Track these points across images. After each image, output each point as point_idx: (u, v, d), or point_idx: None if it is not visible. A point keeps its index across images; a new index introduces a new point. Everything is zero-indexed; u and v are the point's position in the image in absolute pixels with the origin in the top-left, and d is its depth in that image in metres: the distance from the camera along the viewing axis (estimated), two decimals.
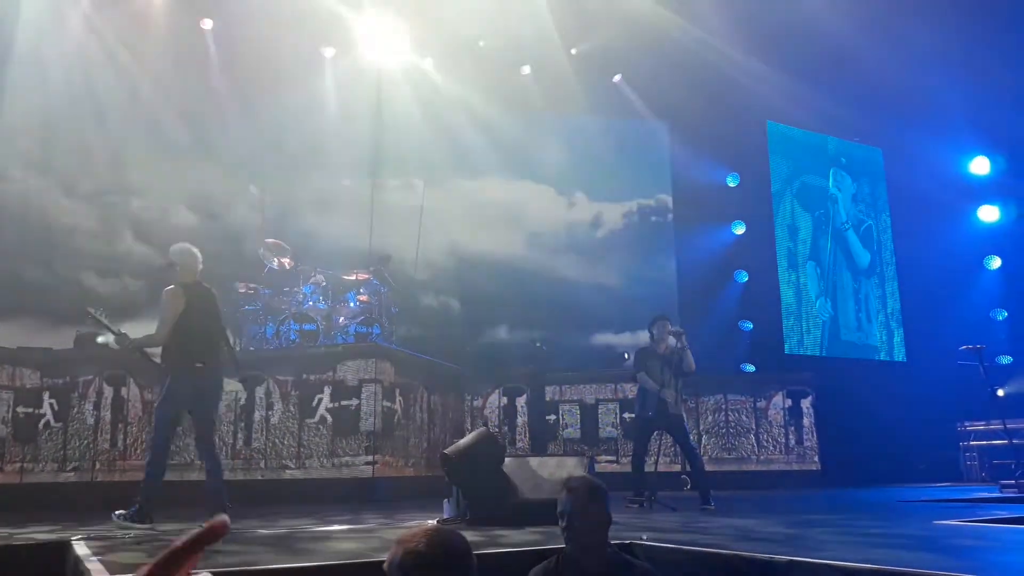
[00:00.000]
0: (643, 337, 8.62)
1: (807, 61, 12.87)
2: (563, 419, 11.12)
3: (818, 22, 11.99)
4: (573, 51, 13.36)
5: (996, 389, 10.21)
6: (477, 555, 1.96)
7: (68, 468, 8.29)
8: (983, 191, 14.76)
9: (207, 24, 12.26)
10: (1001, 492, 8.99)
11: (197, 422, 5.84)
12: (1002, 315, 14.32)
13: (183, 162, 12.13)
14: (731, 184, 14.63)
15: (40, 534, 5.26)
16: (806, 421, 11.17)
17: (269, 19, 11.72)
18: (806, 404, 11.22)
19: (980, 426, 11.79)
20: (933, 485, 11.12)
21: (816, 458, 11.09)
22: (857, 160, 15.79)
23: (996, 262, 14.58)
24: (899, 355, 15.13)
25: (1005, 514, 6.08)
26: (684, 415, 7.88)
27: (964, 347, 9.29)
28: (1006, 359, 13.21)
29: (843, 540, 4.64)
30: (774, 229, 14.46)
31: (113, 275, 11.34)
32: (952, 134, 13.91)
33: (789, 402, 11.21)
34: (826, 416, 11.40)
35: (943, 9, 11.95)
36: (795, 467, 11.04)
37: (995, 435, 11.12)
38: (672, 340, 7.65)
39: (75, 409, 8.43)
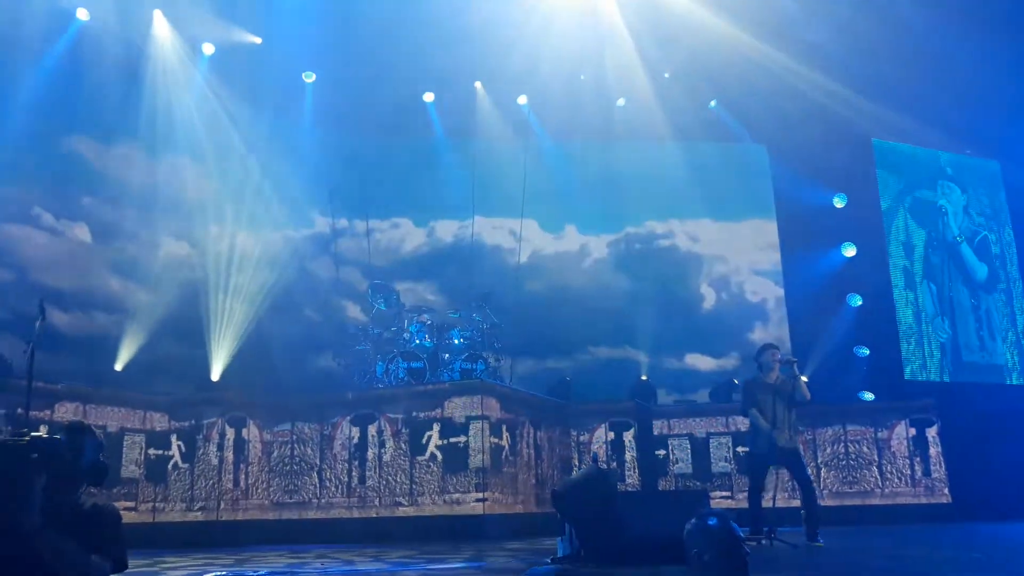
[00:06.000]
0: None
1: (913, 76, 12.40)
2: (673, 454, 10.91)
3: (922, 32, 11.59)
4: (666, 75, 13.30)
5: None
6: None
7: (195, 507, 8.66)
8: None
9: (310, 77, 12.81)
10: None
11: None
12: None
13: (288, 210, 12.63)
14: (838, 204, 14.16)
15: (176, 571, 5.49)
16: (932, 451, 10.59)
17: (369, 67, 12.17)
18: (932, 433, 10.65)
19: None
20: None
21: (946, 490, 10.48)
22: (973, 173, 15.06)
23: None
24: None
25: None
26: (800, 447, 7.61)
27: None
28: None
29: None
30: (887, 248, 13.90)
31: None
32: None
33: (913, 431, 10.66)
34: (956, 445, 10.78)
35: None
36: (923, 500, 10.46)
37: None
38: (783, 368, 7.43)
39: (200, 450, 8.83)
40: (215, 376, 10.40)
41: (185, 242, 11.67)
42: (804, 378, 7.46)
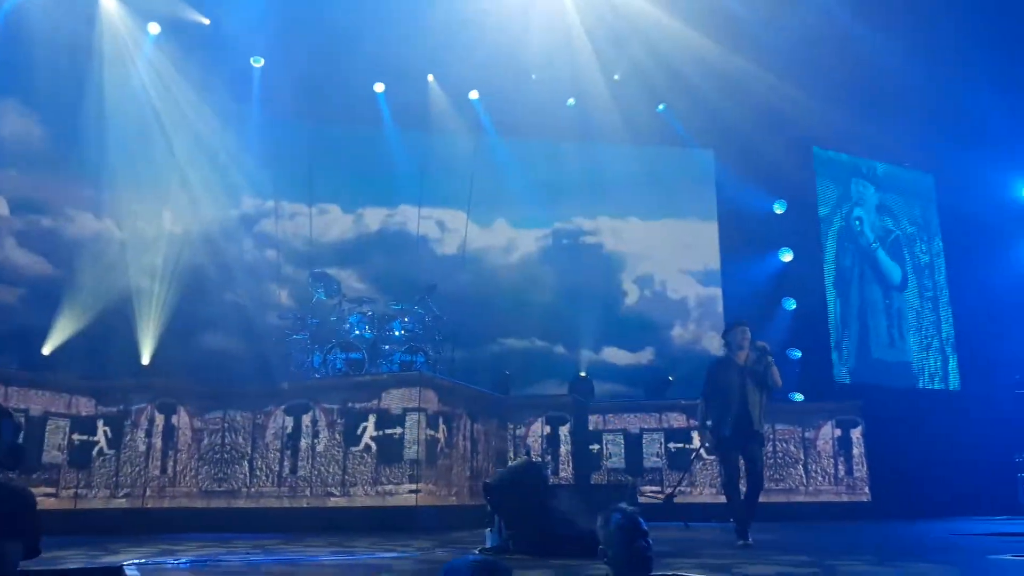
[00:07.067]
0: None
1: (856, 87, 12.76)
2: (607, 448, 11.05)
3: (865, 47, 11.92)
4: (616, 77, 13.40)
5: None
6: None
7: (120, 495, 8.49)
8: None
9: (259, 62, 12.61)
10: None
11: None
12: None
13: (229, 195, 12.42)
14: (778, 211, 14.47)
15: (93, 559, 5.40)
16: (856, 451, 10.96)
17: (320, 56, 12.03)
18: (856, 434, 11.01)
19: None
20: (989, 518, 10.76)
21: (866, 489, 10.86)
22: (907, 184, 15.57)
23: None
24: (954, 383, 14.75)
25: None
26: (764, 436, 6.97)
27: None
28: None
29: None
30: (823, 255, 14.28)
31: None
32: (1007, 159, 13.64)
33: (838, 432, 11.01)
34: (877, 446, 11.16)
35: (996, 32, 11.81)
36: (845, 498, 10.81)
37: None
38: (755, 354, 6.89)
39: (128, 436, 8.65)
40: (145, 360, 10.18)
41: (111, 220, 11.38)
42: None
